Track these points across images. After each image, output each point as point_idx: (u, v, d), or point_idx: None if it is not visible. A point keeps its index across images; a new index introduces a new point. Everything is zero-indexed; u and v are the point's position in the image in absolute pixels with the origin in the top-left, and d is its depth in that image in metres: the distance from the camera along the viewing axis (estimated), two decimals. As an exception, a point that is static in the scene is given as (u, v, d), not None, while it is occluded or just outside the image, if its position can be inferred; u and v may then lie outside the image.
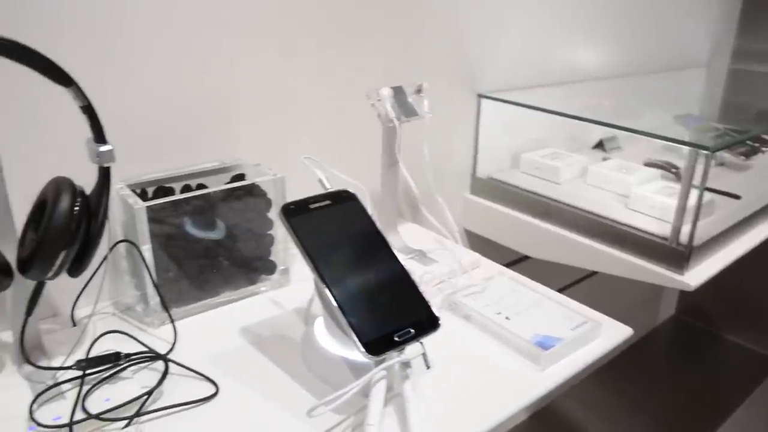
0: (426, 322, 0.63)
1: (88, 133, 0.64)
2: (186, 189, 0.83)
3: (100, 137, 0.64)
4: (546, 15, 1.29)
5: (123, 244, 0.79)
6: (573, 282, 1.69)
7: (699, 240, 0.98)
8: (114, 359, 0.68)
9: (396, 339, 0.60)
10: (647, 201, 1.09)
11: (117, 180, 0.78)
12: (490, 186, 1.25)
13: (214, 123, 0.88)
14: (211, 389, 0.67)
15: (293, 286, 0.88)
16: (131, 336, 0.76)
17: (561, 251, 1.14)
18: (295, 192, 0.78)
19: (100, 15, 0.75)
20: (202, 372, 0.70)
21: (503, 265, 0.95)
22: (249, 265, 0.85)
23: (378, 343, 0.59)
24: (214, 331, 0.78)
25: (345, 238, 0.66)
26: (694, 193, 0.96)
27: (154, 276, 0.76)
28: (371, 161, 1.03)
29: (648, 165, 1.28)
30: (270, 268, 0.87)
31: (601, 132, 1.46)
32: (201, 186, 0.84)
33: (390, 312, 0.62)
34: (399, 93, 0.86)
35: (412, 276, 0.66)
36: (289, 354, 0.73)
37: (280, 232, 0.86)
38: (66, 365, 0.67)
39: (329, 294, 0.61)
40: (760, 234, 1.14)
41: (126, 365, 0.69)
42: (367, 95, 0.85)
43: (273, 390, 0.67)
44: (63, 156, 0.77)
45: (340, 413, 0.62)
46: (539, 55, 1.32)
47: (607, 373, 1.94)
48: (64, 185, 0.62)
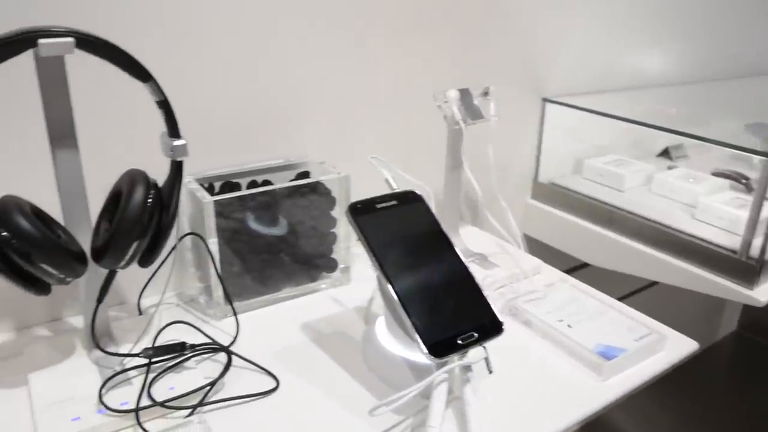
0: (489, 326, 0.62)
1: (161, 128, 0.66)
2: (252, 185, 0.85)
3: (174, 132, 0.65)
4: (613, 18, 1.27)
5: (188, 236, 0.80)
6: (632, 292, 1.65)
7: (771, 254, 0.95)
8: (179, 349, 0.70)
9: (459, 342, 0.60)
10: (716, 212, 1.06)
11: (185, 174, 0.79)
12: (551, 191, 1.24)
13: (279, 120, 0.89)
14: (272, 383, 0.68)
15: (353, 284, 0.89)
16: (195, 327, 0.77)
17: (623, 260, 1.12)
18: (358, 190, 0.79)
19: (178, 17, 0.77)
20: (263, 366, 0.71)
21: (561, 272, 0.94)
22: (310, 262, 0.86)
23: (441, 346, 0.59)
24: (274, 326, 0.79)
25: (410, 238, 0.66)
26: (767, 205, 0.93)
27: (219, 269, 0.77)
28: (433, 162, 1.02)
29: (716, 175, 1.24)
30: (331, 265, 0.87)
31: (667, 140, 1.42)
32: (266, 182, 0.85)
33: (454, 315, 0.62)
34: (466, 95, 0.85)
35: (476, 279, 0.66)
36: (349, 352, 0.74)
37: (342, 230, 0.86)
38: (133, 352, 0.69)
39: (394, 294, 0.61)
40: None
41: (190, 355, 0.70)
42: (434, 96, 0.84)
43: (333, 387, 0.68)
44: (131, 148, 0.79)
45: (399, 413, 0.62)
46: (605, 59, 1.30)
47: (662, 388, 1.88)
48: (138, 178, 0.64)
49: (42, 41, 0.54)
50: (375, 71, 0.96)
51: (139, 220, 0.62)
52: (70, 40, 0.55)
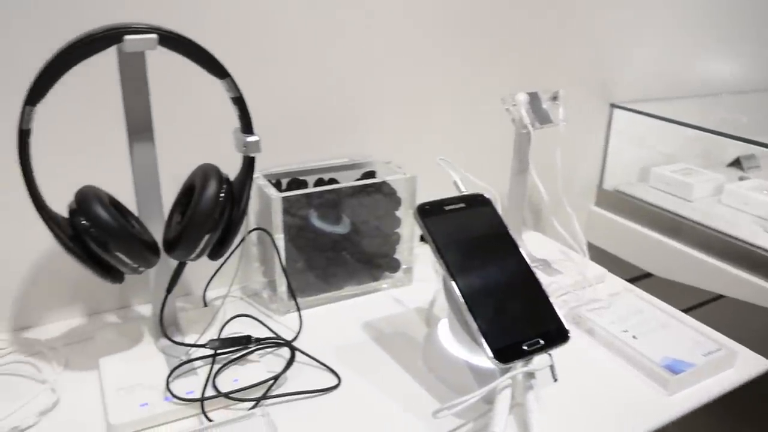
0: (555, 333, 0.61)
1: (230, 124, 0.67)
2: (319, 183, 0.85)
3: (248, 128, 0.66)
4: (684, 24, 1.23)
5: (254, 231, 0.82)
6: (696, 304, 1.61)
7: None
8: (244, 342, 0.71)
9: (525, 348, 0.59)
10: (790, 226, 1.03)
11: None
12: (616, 199, 1.21)
13: (345, 120, 0.90)
14: (334, 380, 0.69)
15: (415, 285, 0.89)
16: (259, 321, 0.78)
17: (689, 271, 1.09)
18: (424, 191, 0.79)
19: (255, 20, 0.78)
20: (325, 362, 0.71)
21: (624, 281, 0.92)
22: (373, 262, 0.86)
23: (507, 351, 0.58)
24: (336, 324, 0.80)
25: (478, 241, 0.65)
26: None
27: (284, 264, 0.78)
28: (498, 165, 1.01)
29: (791, 187, 1.20)
30: (394, 266, 0.87)
31: (738, 149, 1.38)
32: (333, 181, 0.86)
33: (520, 320, 0.61)
34: (534, 99, 0.84)
35: (543, 286, 0.65)
36: (410, 353, 0.74)
37: (406, 230, 0.87)
38: (199, 343, 0.70)
39: (460, 297, 0.60)
40: None
41: (254, 349, 0.71)
42: (503, 100, 0.83)
43: (393, 387, 0.68)
44: (201, 142, 0.80)
45: (460, 417, 0.62)
46: (674, 66, 1.26)
47: (723, 406, 1.83)
48: (212, 172, 0.65)
49: (128, 37, 0.56)
50: (442, 72, 0.96)
51: (212, 213, 0.63)
52: (153, 36, 0.57)
